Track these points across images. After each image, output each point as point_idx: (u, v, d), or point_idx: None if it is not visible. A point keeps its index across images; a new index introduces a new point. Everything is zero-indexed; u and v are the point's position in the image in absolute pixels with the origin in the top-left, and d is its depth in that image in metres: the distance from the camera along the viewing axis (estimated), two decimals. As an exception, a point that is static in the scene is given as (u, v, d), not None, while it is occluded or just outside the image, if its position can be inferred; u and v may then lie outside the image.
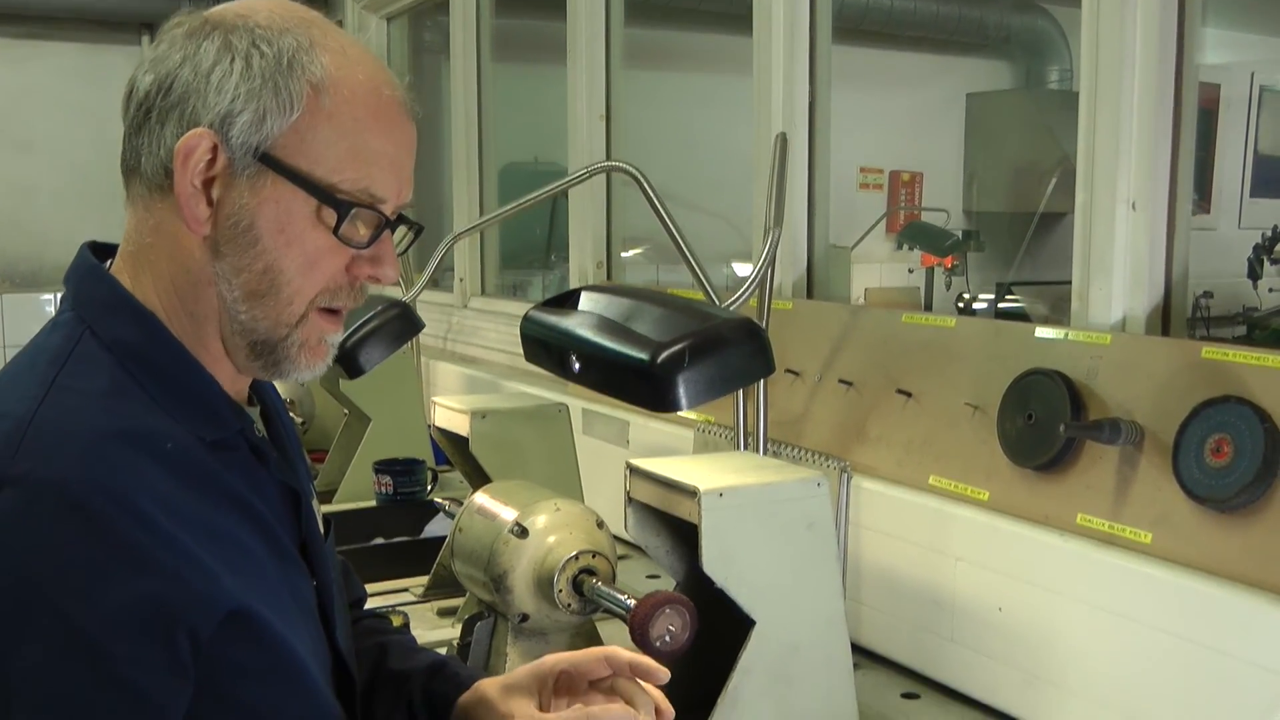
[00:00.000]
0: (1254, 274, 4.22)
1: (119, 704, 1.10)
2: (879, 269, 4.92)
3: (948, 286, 4.52)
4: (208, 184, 1.22)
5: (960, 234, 4.61)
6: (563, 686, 1.47)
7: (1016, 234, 4.70)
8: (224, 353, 1.29)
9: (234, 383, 1.33)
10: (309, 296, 1.26)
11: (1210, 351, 1.64)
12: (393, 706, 1.55)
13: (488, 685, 1.50)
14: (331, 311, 1.30)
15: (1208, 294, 3.81)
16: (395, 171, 1.27)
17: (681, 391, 1.51)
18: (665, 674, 1.42)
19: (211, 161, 1.21)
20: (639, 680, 1.43)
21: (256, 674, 1.24)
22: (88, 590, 1.09)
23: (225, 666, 1.19)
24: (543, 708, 1.44)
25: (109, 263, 1.33)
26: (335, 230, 1.23)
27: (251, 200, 1.22)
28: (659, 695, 1.44)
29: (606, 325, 1.65)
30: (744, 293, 1.99)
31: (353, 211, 1.24)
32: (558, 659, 1.46)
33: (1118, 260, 1.85)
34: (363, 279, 1.30)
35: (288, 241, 1.23)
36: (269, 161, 1.21)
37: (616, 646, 1.48)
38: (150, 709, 1.12)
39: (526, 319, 1.80)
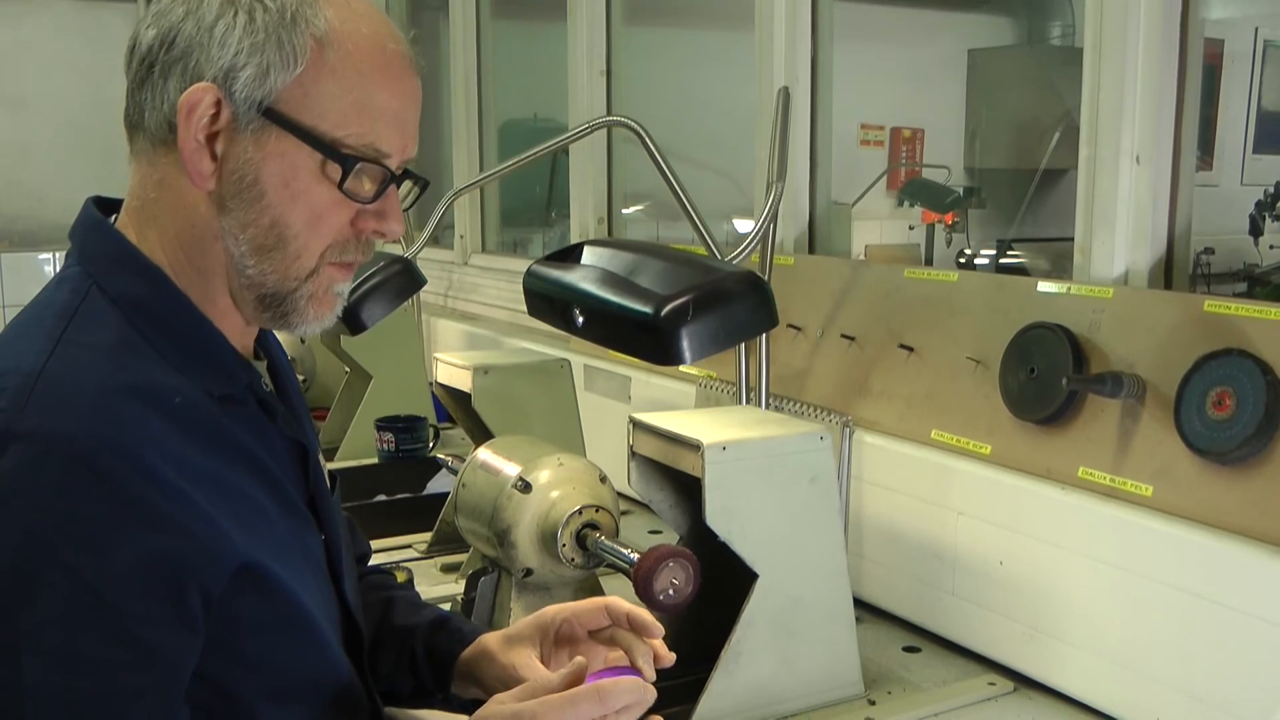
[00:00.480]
0: (1256, 230, 4.21)
1: (128, 660, 1.11)
2: (879, 226, 4.90)
3: (948, 243, 4.50)
4: (211, 139, 1.21)
5: (961, 191, 4.59)
6: (564, 637, 1.48)
7: (1018, 191, 4.68)
8: (232, 306, 1.30)
9: (241, 337, 1.33)
10: (317, 251, 1.26)
11: (1213, 305, 1.64)
12: (396, 661, 1.56)
13: (489, 639, 1.51)
14: (343, 265, 1.31)
15: (1209, 250, 3.79)
16: (400, 126, 1.27)
17: (685, 345, 1.51)
18: (661, 630, 1.42)
19: (215, 116, 1.20)
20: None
21: (267, 628, 1.25)
22: (97, 546, 1.09)
23: (236, 621, 1.20)
24: (544, 659, 1.46)
25: (114, 218, 1.33)
26: (340, 185, 1.23)
27: (256, 155, 1.22)
28: (659, 644, 1.45)
29: (610, 279, 1.65)
30: (746, 247, 1.98)
31: (357, 166, 1.24)
32: (558, 609, 1.47)
33: (1121, 214, 1.85)
34: (368, 233, 1.29)
35: (293, 196, 1.23)
36: (273, 116, 1.21)
37: (616, 597, 1.49)
38: (159, 664, 1.13)
39: (529, 273, 1.80)
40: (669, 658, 1.45)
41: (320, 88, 1.21)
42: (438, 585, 2.26)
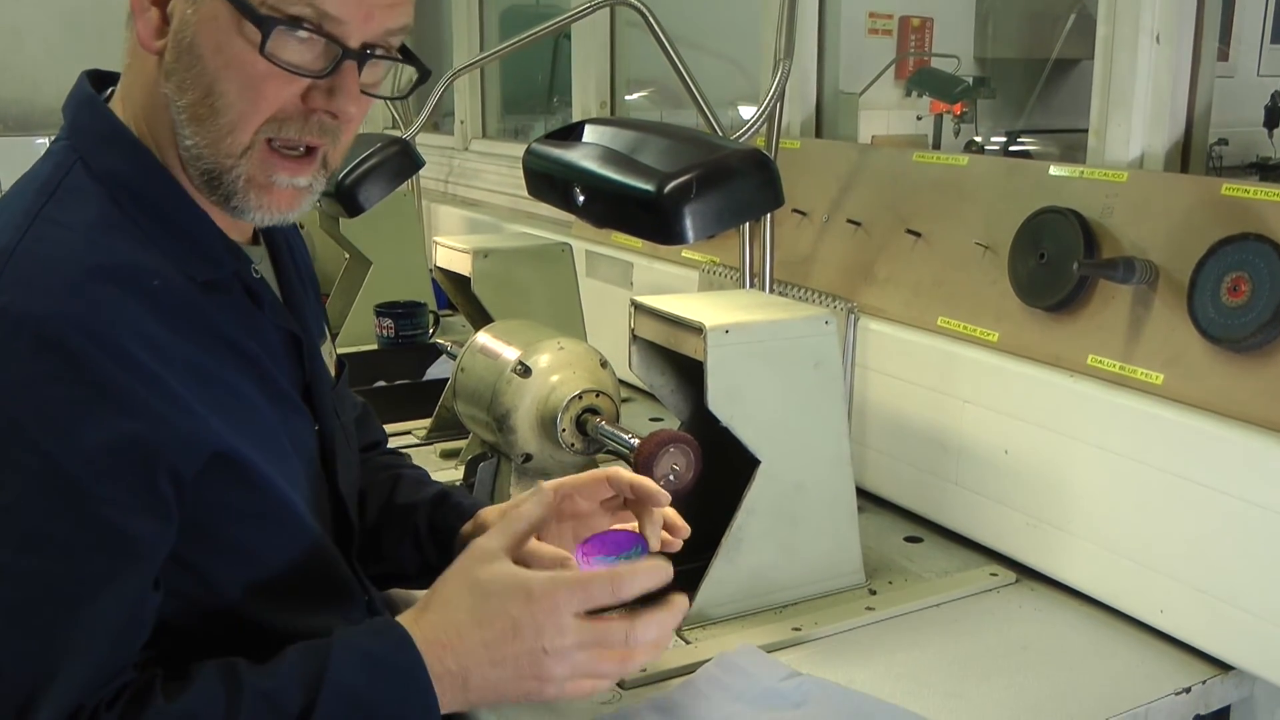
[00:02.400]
0: (1271, 123, 4.15)
1: (97, 542, 1.09)
2: (886, 116, 4.84)
3: (956, 134, 4.45)
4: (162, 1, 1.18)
5: (970, 80, 4.52)
6: (566, 512, 1.47)
7: (1028, 81, 4.62)
8: (189, 186, 1.26)
9: (235, 221, 1.30)
10: (253, 125, 1.20)
11: (1230, 189, 1.60)
12: (399, 538, 1.55)
13: (488, 512, 1.50)
14: (288, 152, 1.23)
15: (1222, 141, 3.74)
16: None
17: (688, 223, 1.48)
18: (666, 497, 1.40)
19: None
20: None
21: (246, 516, 1.24)
22: (66, 428, 1.07)
23: (213, 508, 1.19)
24: (543, 536, 1.43)
25: (109, 92, 1.29)
26: (262, 50, 1.16)
27: (193, 17, 1.17)
28: (671, 513, 1.43)
29: (611, 157, 1.61)
30: (752, 126, 1.94)
31: (298, 32, 1.17)
32: (558, 483, 1.44)
33: (1138, 95, 1.79)
34: (319, 112, 1.22)
35: (226, 63, 1.17)
36: None
37: (617, 467, 1.47)
38: (129, 548, 1.11)
39: (529, 152, 1.76)
40: (684, 528, 1.44)
41: None
42: (437, 471, 2.23)
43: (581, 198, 1.63)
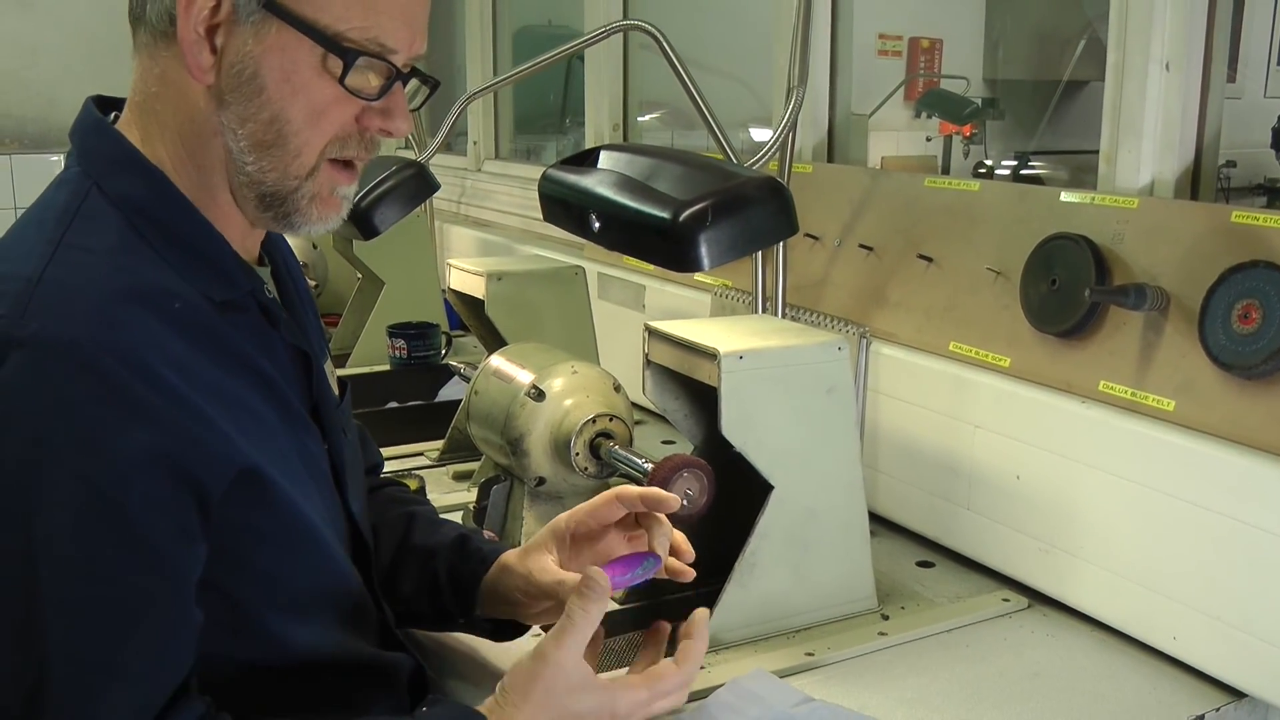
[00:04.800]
0: (1278, 144, 4.15)
1: (141, 565, 1.10)
2: (896, 137, 4.85)
3: (966, 155, 4.46)
4: (211, 31, 1.20)
5: (980, 102, 4.53)
6: (582, 536, 1.49)
7: (1039, 103, 4.62)
8: (234, 207, 1.28)
9: (244, 240, 1.32)
10: (318, 148, 1.25)
11: (1240, 216, 1.61)
12: (417, 583, 1.55)
13: (509, 557, 1.51)
14: (344, 164, 1.29)
15: (1230, 163, 3.74)
16: (407, 21, 1.25)
17: (704, 250, 1.49)
18: (675, 500, 1.44)
19: (216, 8, 1.19)
20: (655, 516, 1.46)
21: (270, 538, 1.25)
22: (103, 450, 1.08)
23: (238, 529, 1.20)
24: (563, 562, 1.45)
25: (114, 117, 1.31)
26: (341, 80, 1.21)
27: (256, 48, 1.20)
28: (680, 536, 1.47)
29: (627, 183, 1.62)
30: (765, 154, 1.95)
31: (359, 61, 1.22)
32: (570, 515, 1.48)
33: (1148, 122, 1.81)
34: (374, 131, 1.28)
35: (293, 91, 1.22)
36: (274, 9, 1.19)
37: (623, 485, 1.49)
38: (169, 568, 1.13)
39: (545, 178, 1.77)
40: (689, 552, 1.48)
41: None
42: (449, 493, 2.26)
43: (597, 224, 1.64)
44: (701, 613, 1.41)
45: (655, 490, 1.46)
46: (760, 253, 2.06)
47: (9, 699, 1.05)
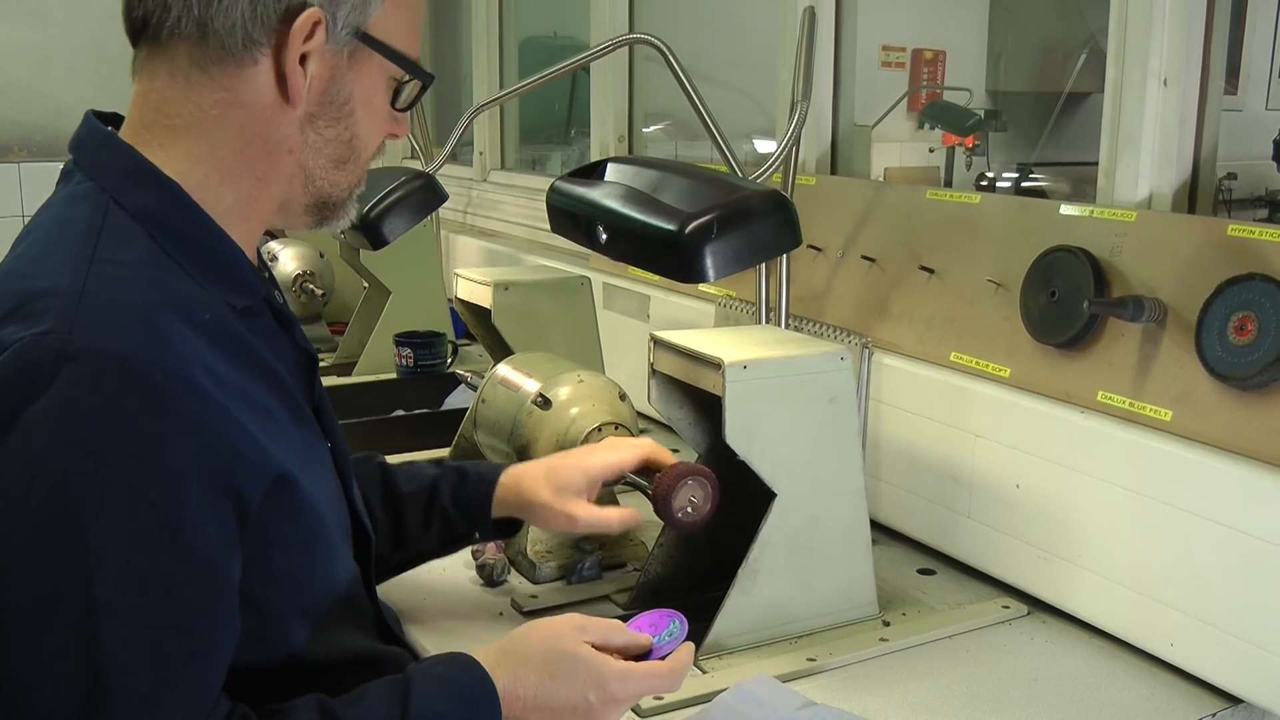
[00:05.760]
0: (1279, 156, 4.17)
1: (193, 575, 1.12)
2: (899, 148, 4.86)
3: (968, 166, 4.47)
4: (302, 59, 1.26)
5: (982, 114, 4.55)
6: (609, 481, 1.74)
7: (1040, 114, 4.64)
8: (255, 218, 1.32)
9: (250, 248, 1.34)
10: (368, 160, 1.37)
11: (1236, 229, 1.63)
12: (423, 519, 1.73)
13: (531, 483, 1.72)
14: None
15: (1231, 176, 3.76)
16: (418, 38, 1.38)
17: (709, 262, 1.52)
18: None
19: (309, 36, 1.25)
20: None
21: (295, 543, 1.27)
22: (156, 463, 1.10)
23: (268, 537, 1.22)
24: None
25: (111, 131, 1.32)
26: (416, 100, 1.37)
27: (350, 75, 1.30)
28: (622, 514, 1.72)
29: (634, 196, 1.65)
30: (770, 167, 1.97)
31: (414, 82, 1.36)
32: (605, 466, 1.72)
33: (1147, 137, 1.83)
34: (388, 137, 1.40)
35: (370, 112, 1.33)
36: (366, 39, 1.29)
37: (653, 444, 1.75)
38: (220, 577, 1.15)
39: (553, 190, 1.80)
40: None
41: (397, 12, 1.31)
42: (456, 500, 2.27)
43: (604, 235, 1.66)
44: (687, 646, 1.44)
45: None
46: (764, 264, 2.08)
47: (65, 708, 1.06)
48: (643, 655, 1.39)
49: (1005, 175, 4.31)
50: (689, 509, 1.66)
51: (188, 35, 1.24)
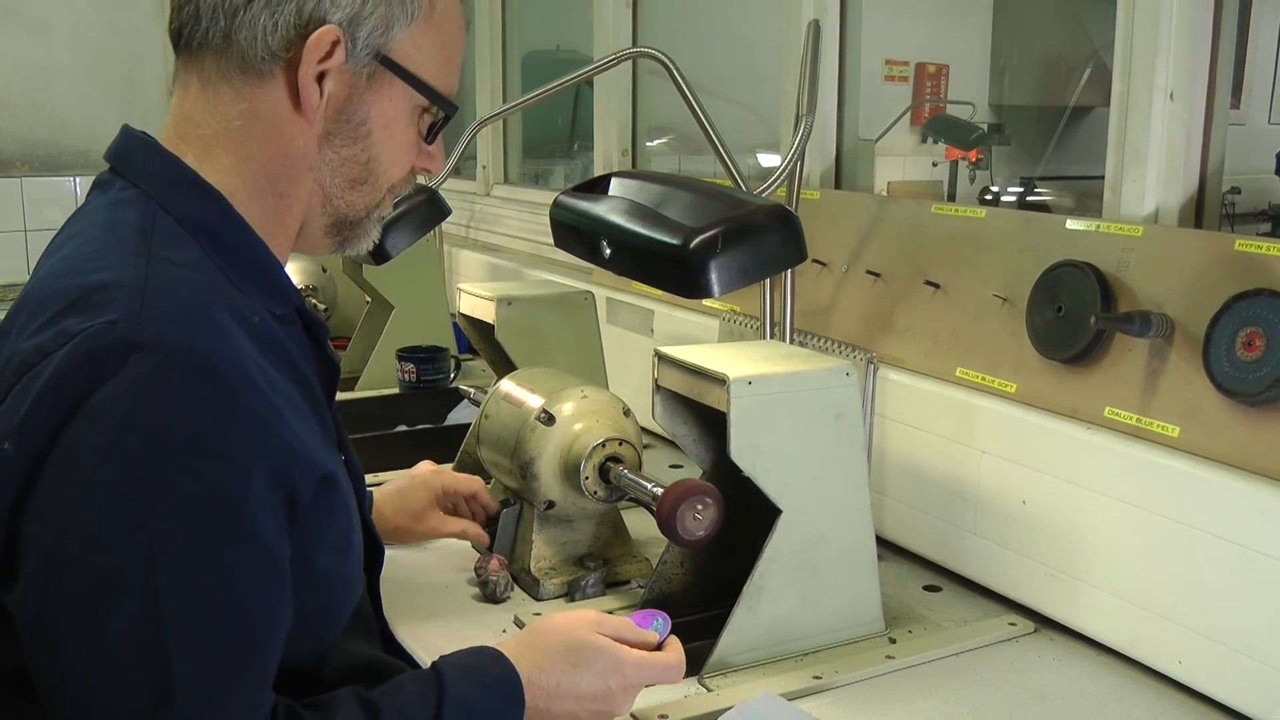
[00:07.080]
0: (1283, 170, 4.17)
1: (256, 565, 1.14)
2: (902, 162, 4.86)
3: (971, 181, 4.47)
4: (320, 76, 1.27)
5: (986, 128, 4.55)
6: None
7: (1044, 128, 4.64)
8: (288, 232, 1.35)
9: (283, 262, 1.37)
10: (390, 184, 1.38)
11: (1244, 244, 1.62)
12: None
13: (391, 516, 1.96)
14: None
15: (1235, 190, 3.76)
16: (457, 73, 1.41)
17: (714, 277, 1.51)
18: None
19: (328, 55, 1.26)
20: None
21: (332, 543, 1.29)
22: (222, 453, 1.11)
23: (311, 533, 1.23)
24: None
25: None
26: (437, 129, 1.38)
27: (368, 96, 1.31)
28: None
29: (638, 211, 1.64)
30: (774, 181, 1.97)
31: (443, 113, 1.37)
32: (435, 477, 2.06)
33: (1153, 151, 1.82)
34: (419, 170, 1.41)
35: (390, 136, 1.34)
36: (387, 63, 1.30)
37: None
38: (279, 569, 1.17)
39: (557, 204, 1.79)
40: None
41: (426, 40, 1.33)
42: (459, 516, 2.27)
43: (608, 251, 1.66)
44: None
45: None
46: (769, 278, 2.08)
47: (132, 696, 1.07)
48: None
49: (1009, 190, 4.31)
50: (693, 526, 1.65)
51: (215, 46, 1.27)
